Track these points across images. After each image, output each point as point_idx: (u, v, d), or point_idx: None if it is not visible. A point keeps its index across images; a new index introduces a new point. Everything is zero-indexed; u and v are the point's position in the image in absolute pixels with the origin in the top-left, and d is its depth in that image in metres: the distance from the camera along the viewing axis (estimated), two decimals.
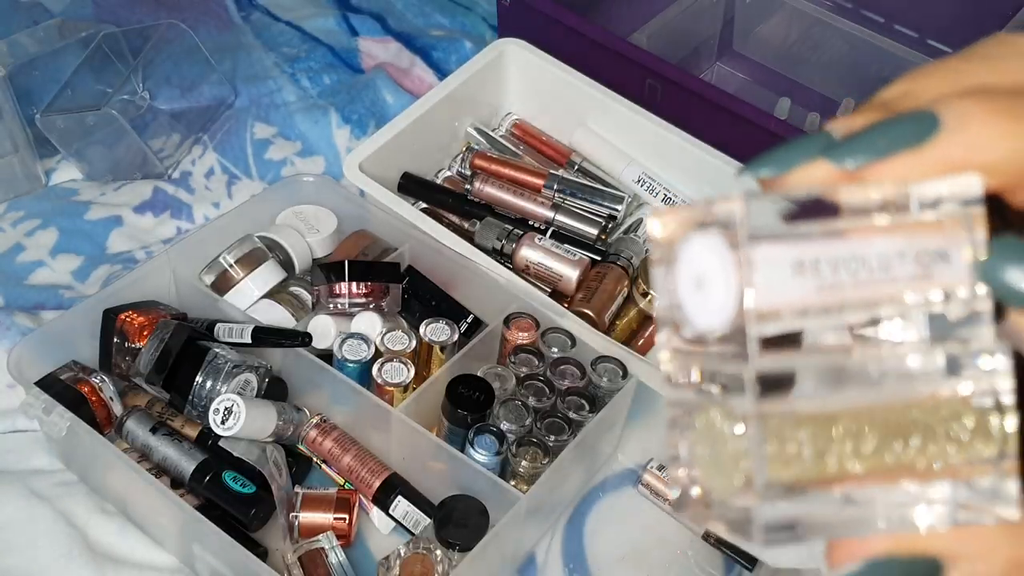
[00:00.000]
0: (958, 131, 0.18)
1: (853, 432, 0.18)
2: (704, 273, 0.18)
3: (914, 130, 0.18)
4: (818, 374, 0.18)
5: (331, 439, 0.62)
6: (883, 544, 0.19)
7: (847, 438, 0.18)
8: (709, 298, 0.18)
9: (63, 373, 0.61)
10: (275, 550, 0.59)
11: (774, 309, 0.18)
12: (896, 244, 0.18)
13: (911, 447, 0.18)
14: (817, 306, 0.18)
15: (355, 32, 0.93)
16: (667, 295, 0.19)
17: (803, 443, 0.18)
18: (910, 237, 0.18)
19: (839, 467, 0.18)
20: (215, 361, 0.60)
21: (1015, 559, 0.19)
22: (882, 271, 0.18)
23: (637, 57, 0.76)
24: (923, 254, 0.18)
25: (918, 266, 0.18)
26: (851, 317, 0.18)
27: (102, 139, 0.79)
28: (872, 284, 0.18)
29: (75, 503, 0.61)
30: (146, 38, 0.81)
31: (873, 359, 0.18)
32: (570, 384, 0.63)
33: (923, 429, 0.18)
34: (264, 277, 0.68)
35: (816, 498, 0.18)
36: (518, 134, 0.83)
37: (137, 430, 0.61)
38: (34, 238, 0.75)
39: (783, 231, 0.18)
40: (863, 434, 0.18)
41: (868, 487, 0.19)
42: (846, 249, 0.18)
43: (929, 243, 0.18)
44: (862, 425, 0.18)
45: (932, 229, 0.18)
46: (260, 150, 0.82)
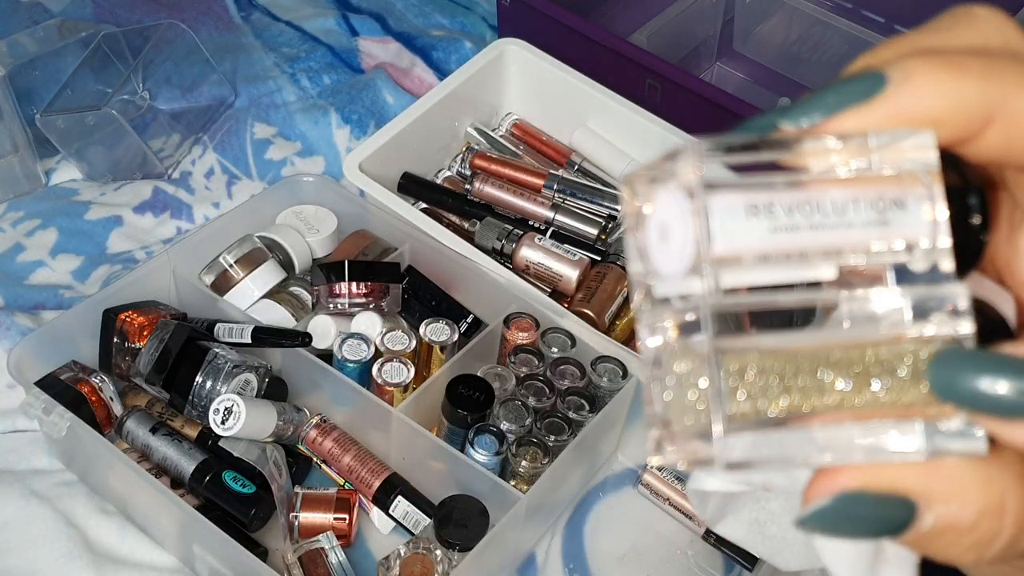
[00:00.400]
0: (903, 85, 0.19)
1: (816, 369, 0.19)
2: (666, 223, 0.19)
3: (862, 87, 0.19)
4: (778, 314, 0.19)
5: (331, 439, 0.62)
6: (856, 479, 0.19)
7: (810, 375, 0.19)
8: (671, 246, 0.19)
9: (63, 373, 0.61)
10: (275, 550, 0.59)
11: (732, 253, 0.18)
12: (852, 192, 0.19)
13: (876, 386, 0.19)
14: (774, 250, 0.18)
15: (355, 32, 0.93)
16: (637, 254, 0.20)
17: (764, 378, 0.19)
18: (866, 186, 0.19)
19: (802, 403, 0.19)
20: (215, 361, 0.60)
21: (988, 505, 0.19)
22: (837, 215, 0.19)
23: (637, 57, 0.76)
24: (880, 201, 0.19)
25: (875, 212, 0.19)
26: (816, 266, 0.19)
27: (102, 139, 0.79)
28: (828, 228, 0.19)
29: (75, 503, 0.61)
30: (146, 38, 0.81)
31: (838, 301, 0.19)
32: (570, 384, 0.63)
33: (888, 369, 0.19)
34: (264, 277, 0.68)
35: (780, 433, 0.19)
36: (518, 134, 0.83)
37: (137, 430, 0.61)
38: (34, 238, 0.75)
39: (738, 180, 0.19)
40: (827, 371, 0.19)
41: (834, 425, 0.19)
42: (801, 196, 0.19)
43: (886, 192, 0.19)
44: (826, 363, 0.19)
45: (889, 181, 0.19)
46: (260, 150, 0.82)
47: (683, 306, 0.19)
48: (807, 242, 0.19)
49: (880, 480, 0.19)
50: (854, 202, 0.19)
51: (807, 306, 0.19)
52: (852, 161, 0.19)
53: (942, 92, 0.19)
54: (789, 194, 0.19)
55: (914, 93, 0.19)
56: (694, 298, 0.19)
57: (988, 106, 0.19)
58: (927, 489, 0.19)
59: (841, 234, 0.19)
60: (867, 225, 0.19)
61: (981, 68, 0.19)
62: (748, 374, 0.19)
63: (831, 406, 0.19)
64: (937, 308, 0.19)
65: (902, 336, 0.19)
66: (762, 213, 0.18)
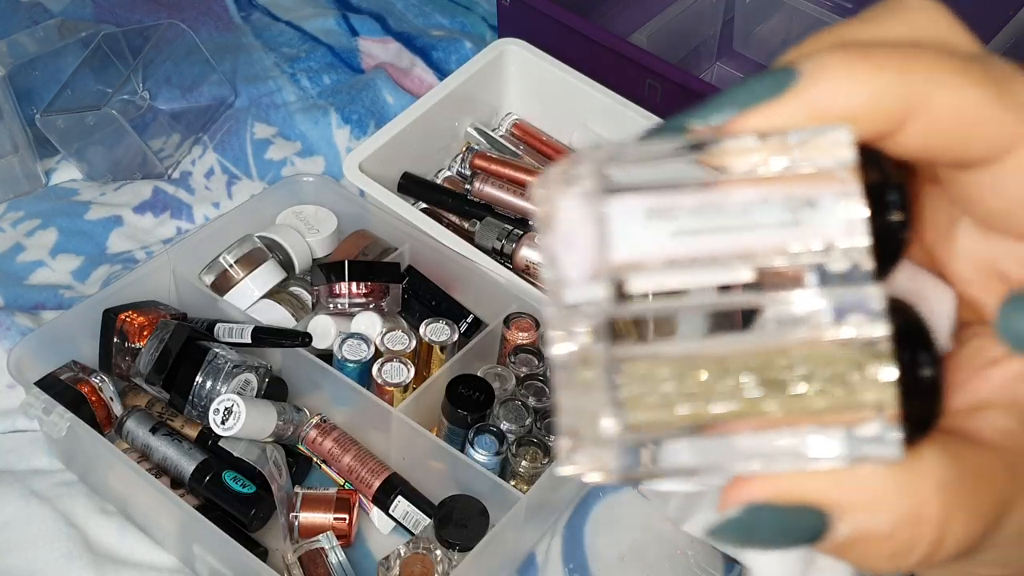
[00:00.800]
0: (815, 80, 0.18)
1: (727, 375, 0.18)
2: (569, 229, 0.18)
3: (773, 82, 0.19)
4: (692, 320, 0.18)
5: (331, 439, 0.62)
6: (765, 489, 0.19)
7: (720, 380, 0.18)
8: (574, 253, 0.18)
9: (63, 373, 0.61)
10: (275, 550, 0.59)
11: (632, 259, 0.18)
12: (763, 192, 0.18)
13: (790, 391, 0.18)
14: (677, 255, 0.18)
15: (355, 32, 0.93)
16: (547, 260, 0.19)
17: (667, 385, 0.18)
18: (780, 185, 0.18)
19: (711, 411, 0.18)
20: (215, 361, 0.60)
21: (905, 514, 0.18)
22: (744, 216, 0.18)
23: (637, 57, 0.76)
24: (791, 200, 0.18)
25: (786, 212, 0.18)
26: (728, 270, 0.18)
27: (102, 139, 0.79)
28: (734, 231, 0.18)
29: (75, 503, 0.61)
30: (146, 38, 0.81)
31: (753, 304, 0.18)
32: None
33: (804, 373, 0.18)
34: (264, 277, 0.68)
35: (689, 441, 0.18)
36: (518, 134, 0.83)
37: (137, 430, 0.60)
38: (34, 238, 0.75)
39: (640, 183, 0.18)
40: (739, 377, 0.18)
41: (748, 432, 0.18)
42: (707, 198, 0.18)
43: (800, 191, 0.18)
44: (737, 368, 0.18)
45: (805, 179, 0.18)
46: (260, 150, 0.82)
47: (589, 313, 0.18)
48: (712, 246, 0.18)
49: (790, 490, 0.18)
50: (763, 202, 0.18)
51: (724, 309, 0.18)
52: (770, 159, 0.18)
53: (856, 87, 0.18)
54: (694, 196, 0.18)
55: (826, 88, 0.18)
56: (597, 305, 0.18)
57: (906, 101, 0.18)
58: (839, 498, 0.18)
59: (749, 236, 0.18)
60: (777, 226, 0.18)
61: (900, 61, 0.18)
62: (649, 382, 0.18)
63: (743, 413, 0.18)
64: (855, 310, 0.18)
65: (819, 339, 0.18)
66: (663, 217, 0.18)
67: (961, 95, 0.18)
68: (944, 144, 0.19)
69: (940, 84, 0.18)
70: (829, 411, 0.18)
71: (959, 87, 0.18)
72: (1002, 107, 0.18)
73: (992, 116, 0.18)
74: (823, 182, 0.18)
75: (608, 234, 0.18)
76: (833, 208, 0.18)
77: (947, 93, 0.18)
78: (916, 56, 0.19)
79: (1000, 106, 0.18)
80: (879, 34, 0.20)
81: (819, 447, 0.18)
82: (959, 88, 0.18)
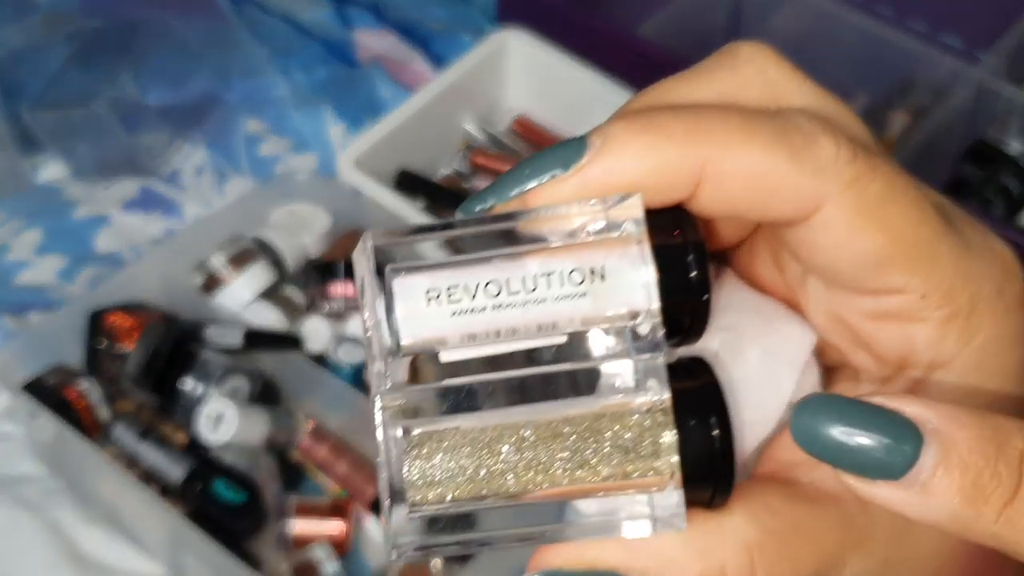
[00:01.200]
0: (601, 153, 0.19)
1: (528, 445, 0.19)
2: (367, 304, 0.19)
3: (564, 156, 0.19)
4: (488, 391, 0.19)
5: (325, 445, 0.62)
6: (559, 557, 0.19)
7: (521, 452, 0.19)
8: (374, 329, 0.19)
9: (49, 377, 0.61)
10: (267, 560, 0.58)
11: (416, 340, 0.19)
12: (552, 263, 0.19)
13: (592, 459, 0.19)
14: (459, 333, 0.18)
15: (350, 24, 0.92)
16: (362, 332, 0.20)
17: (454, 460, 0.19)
18: (571, 255, 0.19)
19: (504, 482, 0.19)
20: (205, 365, 0.60)
21: (710, 573, 0.19)
22: (529, 290, 0.19)
23: (644, 50, 0.75)
24: (583, 269, 0.19)
25: (575, 281, 0.19)
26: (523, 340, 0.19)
27: (90, 136, 0.78)
28: (517, 306, 0.19)
29: (62, 510, 0.60)
30: (135, 32, 0.80)
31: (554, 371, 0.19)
32: None
33: (607, 440, 0.19)
34: (256, 278, 0.67)
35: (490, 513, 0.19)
36: (519, 130, 0.82)
37: (125, 436, 0.60)
38: (19, 238, 0.74)
39: (425, 263, 0.19)
40: (539, 447, 0.19)
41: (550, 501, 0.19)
42: (495, 273, 0.19)
43: (591, 260, 0.19)
44: (540, 438, 0.19)
45: (596, 247, 0.19)
46: (252, 147, 0.81)
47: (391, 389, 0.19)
48: (492, 322, 0.18)
49: (582, 558, 0.19)
50: (549, 275, 0.19)
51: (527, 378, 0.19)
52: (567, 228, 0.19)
53: (639, 157, 0.19)
54: (483, 272, 0.19)
55: (611, 161, 0.19)
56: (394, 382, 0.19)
57: (692, 168, 0.19)
58: (633, 565, 0.19)
59: (537, 308, 0.19)
60: (566, 297, 0.19)
61: (685, 129, 0.19)
62: (436, 457, 0.19)
63: (545, 482, 0.19)
64: (653, 375, 0.19)
65: (618, 406, 0.19)
66: (445, 296, 0.19)
67: (749, 159, 0.19)
68: (742, 205, 0.19)
69: (728, 150, 0.19)
70: (629, 478, 0.19)
71: (747, 152, 0.19)
72: (798, 169, 0.19)
73: (787, 178, 0.19)
74: (616, 248, 0.19)
75: (395, 313, 0.19)
76: (625, 275, 0.19)
77: (734, 159, 0.19)
78: (704, 122, 0.19)
79: (796, 168, 0.19)
80: (696, 92, 0.20)
81: (623, 515, 0.19)
82: (747, 153, 0.19)
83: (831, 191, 0.19)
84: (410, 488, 0.19)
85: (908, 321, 0.20)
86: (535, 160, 0.20)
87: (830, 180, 0.19)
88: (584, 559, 0.19)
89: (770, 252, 0.23)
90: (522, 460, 0.19)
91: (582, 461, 0.19)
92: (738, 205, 0.20)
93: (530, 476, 0.19)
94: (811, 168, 0.19)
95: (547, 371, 0.19)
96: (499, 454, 0.19)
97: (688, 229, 0.20)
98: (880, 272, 0.20)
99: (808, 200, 0.19)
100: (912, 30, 0.83)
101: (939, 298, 0.20)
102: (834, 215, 0.19)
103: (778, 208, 0.19)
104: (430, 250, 0.19)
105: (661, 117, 0.19)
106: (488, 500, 0.19)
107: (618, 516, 0.19)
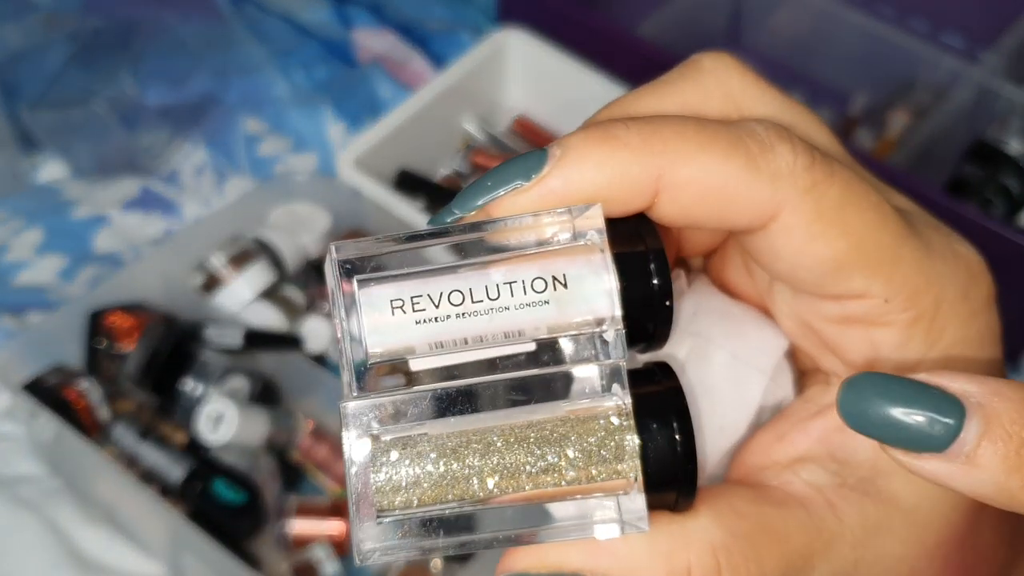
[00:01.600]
0: (559, 164, 0.19)
1: (495, 450, 0.19)
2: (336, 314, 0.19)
3: (525, 167, 0.20)
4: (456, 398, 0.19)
5: (325, 445, 0.61)
6: (525, 560, 0.20)
7: (488, 457, 0.19)
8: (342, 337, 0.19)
9: (49, 377, 0.61)
10: (267, 560, 0.58)
11: (384, 349, 0.19)
12: (514, 272, 0.19)
13: (548, 464, 0.19)
14: (426, 341, 0.19)
15: (350, 24, 0.92)
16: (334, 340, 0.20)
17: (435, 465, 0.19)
18: (534, 264, 0.19)
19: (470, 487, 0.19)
20: (205, 365, 0.59)
21: (676, 574, 0.19)
22: (492, 298, 0.19)
23: (644, 50, 0.75)
24: (542, 280, 0.19)
25: (539, 288, 0.19)
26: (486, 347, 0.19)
27: (89, 135, 0.78)
28: (483, 314, 0.19)
29: (62, 510, 0.60)
30: (135, 32, 0.80)
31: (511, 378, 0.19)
32: None
33: (574, 444, 0.19)
34: (256, 278, 0.67)
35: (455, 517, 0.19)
36: (519, 130, 0.82)
37: (125, 436, 0.60)
38: (19, 238, 0.74)
39: (393, 272, 0.19)
40: (507, 452, 0.19)
41: (507, 505, 0.19)
42: (458, 282, 0.19)
43: (553, 268, 0.19)
44: (508, 443, 0.19)
45: (559, 255, 0.19)
46: (252, 146, 0.81)
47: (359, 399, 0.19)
48: (458, 331, 0.19)
49: (554, 560, 0.19)
50: (512, 283, 0.19)
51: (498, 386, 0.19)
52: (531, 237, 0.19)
53: (597, 168, 0.19)
54: (445, 281, 0.19)
55: (569, 171, 0.19)
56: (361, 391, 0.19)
57: (649, 178, 0.19)
58: (597, 567, 0.19)
59: (498, 317, 0.19)
60: (529, 305, 0.19)
61: (641, 139, 0.19)
62: (403, 463, 0.19)
63: (512, 486, 0.19)
64: (616, 380, 0.19)
65: (583, 411, 0.19)
66: (410, 305, 0.19)
67: (705, 168, 0.19)
68: (701, 214, 0.20)
69: (683, 159, 0.19)
70: (594, 482, 0.19)
71: (703, 161, 0.19)
72: (755, 177, 0.19)
73: (744, 186, 0.19)
74: (579, 256, 0.19)
75: (361, 323, 0.19)
76: (588, 283, 0.19)
77: (689, 168, 0.19)
78: (659, 133, 0.19)
79: (752, 177, 0.19)
80: (658, 103, 0.21)
81: (592, 518, 0.19)
82: (703, 162, 0.19)
83: (788, 198, 0.19)
84: (377, 494, 0.19)
85: (872, 325, 0.21)
86: (498, 172, 0.20)
87: (787, 187, 0.19)
88: (548, 561, 0.19)
89: (741, 258, 0.23)
90: (487, 465, 0.19)
91: (547, 466, 0.19)
92: (696, 214, 0.20)
93: (496, 481, 0.19)
94: (767, 175, 0.19)
95: (514, 377, 0.19)
96: (465, 459, 0.19)
97: (649, 237, 0.20)
98: (841, 277, 0.20)
99: (765, 207, 0.19)
100: (913, 30, 0.83)
101: (902, 301, 0.20)
102: (792, 221, 0.19)
103: (736, 216, 0.20)
104: (397, 261, 0.20)
105: (618, 128, 0.20)
106: (455, 505, 0.19)
107: (588, 519, 0.19)
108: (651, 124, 0.20)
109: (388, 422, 0.19)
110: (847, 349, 0.21)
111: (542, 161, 0.19)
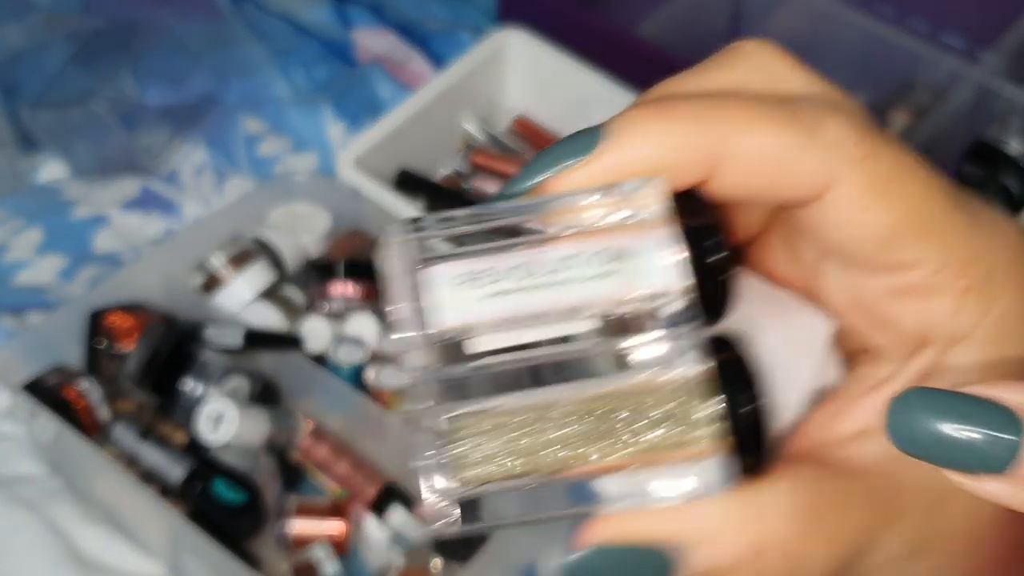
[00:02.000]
0: (618, 139, 0.20)
1: (565, 424, 0.19)
2: (396, 295, 0.20)
3: (580, 144, 0.20)
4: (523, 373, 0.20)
5: (325, 446, 0.61)
6: (609, 530, 0.19)
7: (558, 430, 0.19)
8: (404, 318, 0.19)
9: (49, 377, 0.61)
10: (267, 560, 0.58)
11: (450, 326, 0.19)
12: (578, 247, 0.19)
13: (621, 435, 0.19)
14: (493, 317, 0.19)
15: (349, 24, 0.92)
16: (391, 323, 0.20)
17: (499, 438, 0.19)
18: (596, 240, 0.19)
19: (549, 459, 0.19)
20: (205, 365, 0.59)
21: (745, 547, 0.19)
22: (560, 273, 0.19)
23: (644, 50, 0.75)
24: (606, 253, 0.19)
25: (600, 264, 0.19)
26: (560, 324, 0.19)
27: (89, 135, 0.78)
28: (552, 287, 0.19)
29: (62, 510, 0.60)
30: (135, 32, 0.80)
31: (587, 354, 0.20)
32: None
33: (641, 417, 0.19)
34: (256, 278, 0.67)
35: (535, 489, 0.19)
36: (519, 130, 0.82)
37: (125, 436, 0.60)
38: (18, 238, 0.74)
39: (458, 250, 0.19)
40: (577, 424, 0.19)
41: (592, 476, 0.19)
42: (523, 258, 0.19)
43: (615, 244, 0.19)
44: (577, 415, 0.19)
45: (622, 231, 0.19)
46: (252, 146, 0.81)
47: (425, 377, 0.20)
48: (530, 304, 0.19)
49: (633, 530, 0.19)
50: (578, 257, 0.19)
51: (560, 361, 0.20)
52: (592, 215, 0.20)
53: (654, 142, 0.19)
54: (511, 259, 0.19)
55: (627, 146, 0.19)
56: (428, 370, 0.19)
57: (707, 150, 0.19)
58: (681, 535, 0.19)
59: (567, 291, 0.19)
60: (594, 278, 0.19)
61: (695, 114, 0.20)
62: (474, 439, 0.19)
63: (585, 459, 0.19)
64: (684, 351, 0.19)
65: (654, 382, 0.19)
66: (474, 281, 0.19)
67: (762, 140, 0.19)
68: (757, 186, 0.20)
69: (740, 131, 0.19)
70: (669, 450, 0.19)
71: (759, 133, 0.19)
72: (809, 148, 0.19)
73: (798, 157, 0.19)
74: (641, 232, 0.19)
75: (425, 302, 0.19)
76: (651, 256, 0.19)
77: (747, 139, 0.19)
78: (714, 107, 0.20)
79: (807, 147, 0.19)
80: (704, 84, 0.21)
81: (665, 486, 0.19)
82: (759, 134, 0.19)
83: (842, 169, 0.19)
84: (450, 470, 0.19)
85: (925, 296, 0.21)
86: (553, 150, 0.20)
87: (840, 159, 0.19)
88: (629, 533, 0.19)
89: (784, 244, 0.23)
90: (560, 438, 0.19)
91: (621, 436, 0.19)
92: (752, 187, 0.20)
93: (569, 453, 0.19)
94: (821, 147, 0.19)
95: (580, 350, 0.19)
96: (537, 433, 0.19)
97: (705, 212, 0.20)
98: (894, 246, 0.20)
99: (820, 179, 0.20)
100: (912, 30, 0.83)
101: (954, 270, 0.20)
102: (845, 193, 0.20)
103: (791, 188, 0.20)
104: (458, 240, 0.20)
105: (673, 103, 0.20)
106: (528, 478, 0.19)
107: (659, 490, 0.20)
108: (706, 99, 0.20)
109: (456, 399, 0.19)
110: (900, 322, 0.21)
111: (597, 137, 0.20)
